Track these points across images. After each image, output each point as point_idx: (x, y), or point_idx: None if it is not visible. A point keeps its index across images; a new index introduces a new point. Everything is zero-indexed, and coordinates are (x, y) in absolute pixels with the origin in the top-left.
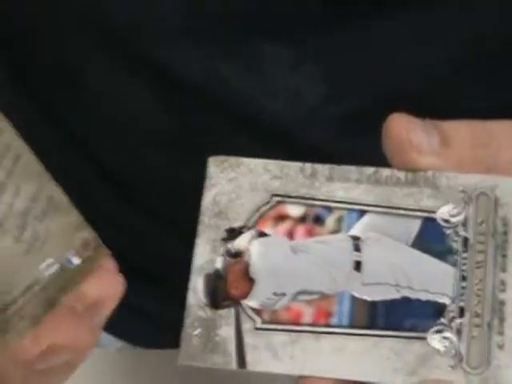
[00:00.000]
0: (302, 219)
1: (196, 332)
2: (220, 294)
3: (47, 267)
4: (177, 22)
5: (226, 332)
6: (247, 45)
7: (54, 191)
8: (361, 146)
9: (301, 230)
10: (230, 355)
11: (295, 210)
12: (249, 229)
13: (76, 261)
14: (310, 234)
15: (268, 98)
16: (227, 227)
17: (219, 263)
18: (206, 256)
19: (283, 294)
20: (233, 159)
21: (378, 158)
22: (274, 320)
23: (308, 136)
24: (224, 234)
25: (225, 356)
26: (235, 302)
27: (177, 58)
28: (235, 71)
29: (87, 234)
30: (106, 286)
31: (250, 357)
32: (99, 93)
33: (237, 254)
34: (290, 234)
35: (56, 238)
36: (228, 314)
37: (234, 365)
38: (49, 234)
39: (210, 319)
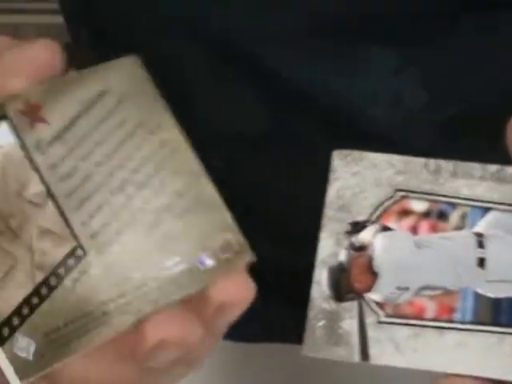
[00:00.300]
0: (426, 214)
1: (320, 324)
2: (343, 286)
3: (173, 266)
4: (284, 24)
5: (349, 325)
6: (352, 48)
7: (206, 189)
8: (459, 151)
9: (424, 225)
10: (353, 348)
11: (419, 206)
12: (372, 223)
13: (209, 262)
14: (434, 229)
15: (369, 101)
16: (351, 221)
17: (343, 256)
18: (329, 249)
19: (406, 289)
20: (356, 153)
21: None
22: (397, 314)
23: (407, 141)
24: (348, 228)
25: (348, 348)
26: (358, 296)
27: (283, 59)
28: (339, 74)
29: (232, 235)
30: (236, 290)
31: (372, 350)
32: (205, 100)
33: (360, 248)
34: (414, 229)
35: (193, 236)
36: (351, 306)
37: (356, 357)
38: (185, 231)
39: (334, 312)
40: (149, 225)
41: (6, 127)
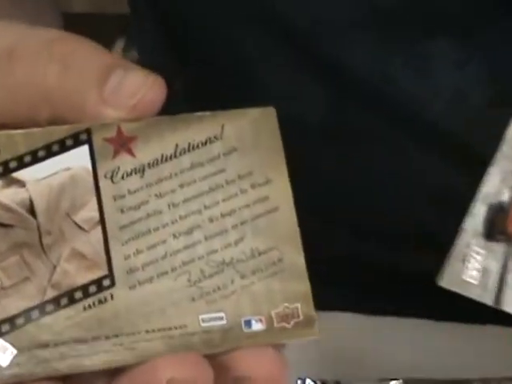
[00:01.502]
0: None
1: (463, 258)
2: (497, 226)
3: (211, 319)
4: (353, 18)
5: (492, 266)
6: (416, 42)
7: (292, 257)
8: None
9: None
10: (489, 290)
11: None
12: None
13: (257, 326)
14: None
15: (431, 96)
16: None
17: (506, 196)
18: (494, 186)
19: None
20: None
21: None
22: None
23: (468, 138)
24: None
25: (484, 289)
26: (509, 239)
27: (349, 54)
28: (402, 68)
29: (302, 306)
30: (266, 369)
31: (507, 297)
32: (272, 90)
33: None
34: None
35: (249, 298)
36: (498, 248)
37: (489, 300)
38: (242, 291)
39: (481, 249)
40: (202, 274)
41: (85, 152)
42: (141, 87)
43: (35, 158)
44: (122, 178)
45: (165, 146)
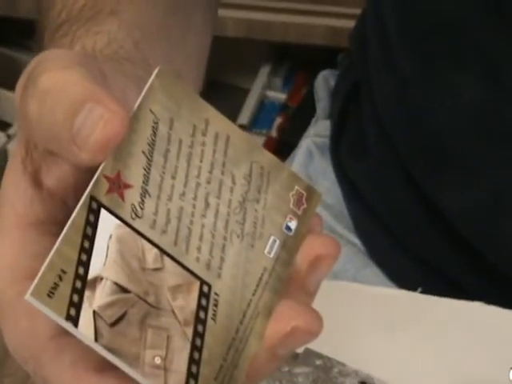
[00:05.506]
0: None
1: None
2: None
3: (271, 248)
4: None
5: None
6: None
7: (264, 157)
8: None
9: None
10: None
11: None
12: None
13: (293, 224)
14: None
15: None
16: None
17: None
18: None
19: None
20: None
21: None
22: None
23: None
24: None
25: None
26: None
27: None
28: None
29: (298, 185)
30: (322, 243)
31: None
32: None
33: None
34: None
35: (273, 209)
36: None
37: None
38: (266, 209)
39: None
40: (239, 225)
41: (105, 213)
42: (97, 123)
43: (88, 252)
44: (141, 208)
45: (138, 159)
